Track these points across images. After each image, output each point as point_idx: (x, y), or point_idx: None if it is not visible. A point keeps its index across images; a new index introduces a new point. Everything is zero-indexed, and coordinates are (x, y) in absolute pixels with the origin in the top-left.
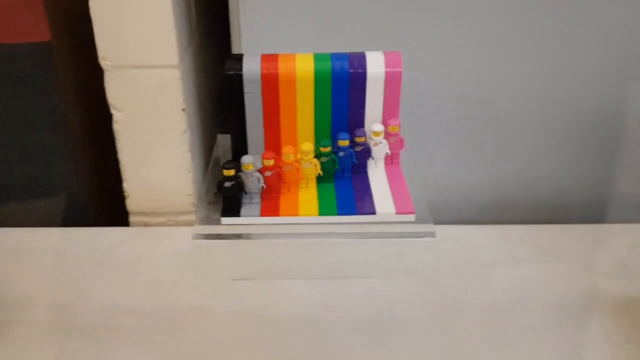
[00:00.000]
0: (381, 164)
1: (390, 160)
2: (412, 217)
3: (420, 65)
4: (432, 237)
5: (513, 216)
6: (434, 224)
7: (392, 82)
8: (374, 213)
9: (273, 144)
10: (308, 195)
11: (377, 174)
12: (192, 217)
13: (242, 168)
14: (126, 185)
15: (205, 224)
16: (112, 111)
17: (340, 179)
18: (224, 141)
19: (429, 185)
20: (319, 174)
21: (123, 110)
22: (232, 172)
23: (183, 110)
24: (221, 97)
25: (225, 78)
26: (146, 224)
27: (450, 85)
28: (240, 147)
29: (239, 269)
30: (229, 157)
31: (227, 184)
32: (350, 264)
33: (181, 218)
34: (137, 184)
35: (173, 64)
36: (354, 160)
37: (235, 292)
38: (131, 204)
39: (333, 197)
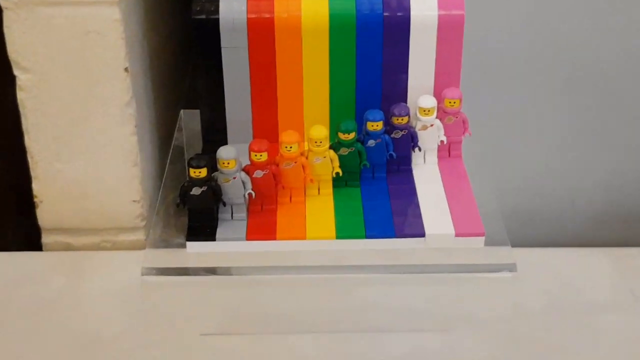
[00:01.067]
0: (433, 159)
1: (448, 153)
2: (480, 241)
3: (492, 9)
4: (511, 270)
5: (633, 235)
6: (513, 246)
7: (449, 31)
8: (422, 235)
9: (266, 128)
10: (320, 207)
11: (426, 174)
12: (140, 237)
13: (219, 165)
14: (37, 187)
15: (162, 249)
16: (16, 72)
17: (370, 181)
18: (191, 122)
19: (506, 189)
20: (337, 174)
21: (32, 70)
22: (202, 173)
23: (126, 70)
24: (186, 53)
25: (192, 25)
26: (68, 247)
27: (537, 39)
28: (215, 132)
29: (213, 319)
30: (199, 149)
31: (196, 191)
32: (385, 311)
33: (123, 238)
34: (54, 184)
35: None
36: (391, 152)
37: (208, 353)
38: (45, 215)
39: (359, 210)
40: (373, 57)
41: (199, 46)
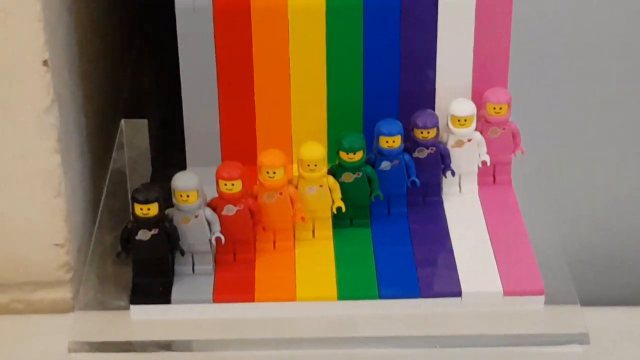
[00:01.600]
0: (472, 186)
1: (492, 178)
2: (538, 301)
3: None
4: (583, 342)
5: None
6: (584, 306)
7: (493, 11)
8: (457, 295)
9: (240, 146)
10: (316, 255)
11: (463, 208)
12: (65, 295)
13: (175, 199)
14: None
15: (96, 312)
16: None
17: (385, 219)
18: (136, 136)
19: (573, 228)
20: (338, 209)
21: None
22: (152, 210)
23: (45, 63)
24: (132, 42)
25: (137, 3)
26: None
27: (615, 19)
28: (169, 152)
29: None
30: (147, 175)
31: (143, 235)
32: None
33: (42, 296)
34: None
35: None
36: (414, 178)
37: None
38: None
39: (369, 259)
40: (387, 47)
41: (146, 32)
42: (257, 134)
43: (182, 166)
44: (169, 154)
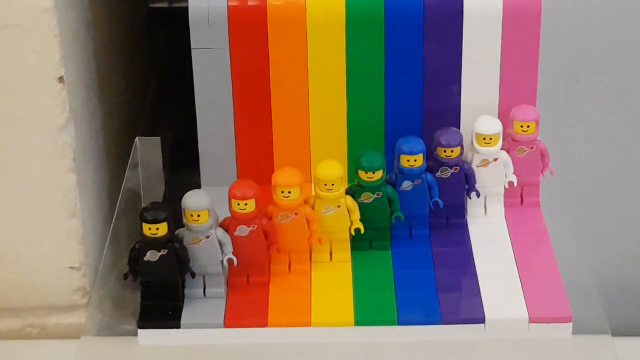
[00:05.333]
0: (498, 208)
1: (520, 199)
2: (566, 329)
3: None
4: None
5: None
6: (615, 335)
7: (521, 25)
8: (480, 321)
9: (256, 165)
10: (333, 279)
11: (488, 231)
12: (81, 320)
13: (186, 219)
14: None
15: (103, 338)
16: None
17: (406, 242)
18: (149, 153)
19: (604, 254)
20: (357, 230)
21: None
22: (162, 230)
23: (60, 80)
24: (144, 57)
25: (148, 18)
26: None
27: None
28: (182, 170)
29: None
30: (160, 194)
31: (152, 256)
32: None
33: (56, 321)
34: None
35: None
36: (436, 199)
37: None
38: None
39: (389, 283)
40: (410, 62)
41: (159, 48)
42: (274, 152)
43: (197, 185)
44: (183, 172)
